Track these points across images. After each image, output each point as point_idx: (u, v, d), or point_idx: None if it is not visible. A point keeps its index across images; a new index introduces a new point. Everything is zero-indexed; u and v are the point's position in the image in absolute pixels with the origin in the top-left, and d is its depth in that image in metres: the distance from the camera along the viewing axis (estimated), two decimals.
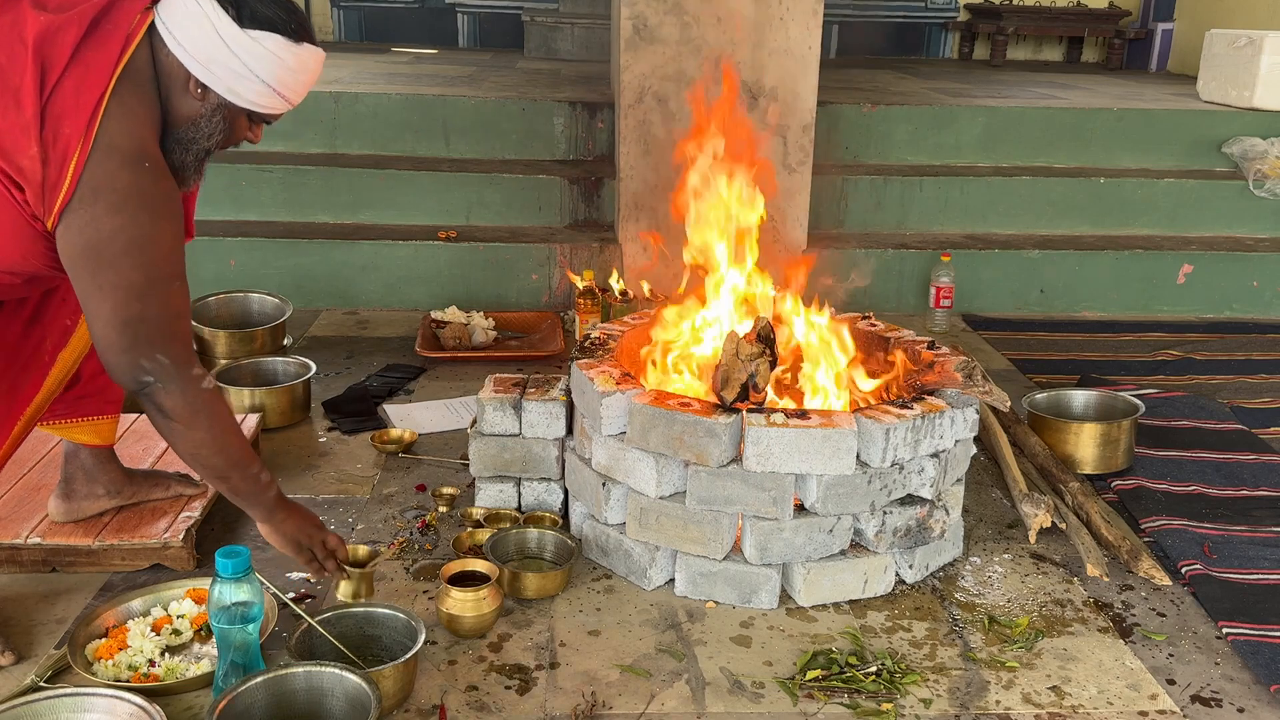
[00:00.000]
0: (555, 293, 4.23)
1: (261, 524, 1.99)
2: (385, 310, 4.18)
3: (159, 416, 1.82)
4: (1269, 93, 5.03)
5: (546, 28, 7.17)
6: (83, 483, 2.29)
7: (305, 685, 1.76)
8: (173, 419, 1.81)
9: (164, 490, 2.40)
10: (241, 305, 3.56)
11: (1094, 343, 4.05)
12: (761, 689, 1.96)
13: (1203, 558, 2.42)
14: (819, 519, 2.19)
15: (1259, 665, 2.05)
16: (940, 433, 2.26)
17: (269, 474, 1.96)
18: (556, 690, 1.93)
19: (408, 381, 3.45)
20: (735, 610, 2.20)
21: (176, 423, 1.82)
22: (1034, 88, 6.01)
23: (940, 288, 4.14)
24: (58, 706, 1.74)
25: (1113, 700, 1.96)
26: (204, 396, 1.83)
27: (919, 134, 4.91)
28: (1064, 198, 4.67)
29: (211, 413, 1.85)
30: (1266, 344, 4.08)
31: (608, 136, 4.73)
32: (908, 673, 2.00)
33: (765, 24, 3.80)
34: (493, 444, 2.50)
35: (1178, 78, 7.00)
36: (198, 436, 1.84)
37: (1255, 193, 4.68)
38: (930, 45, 8.40)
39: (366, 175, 4.42)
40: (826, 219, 4.52)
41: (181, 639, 2.03)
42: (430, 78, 5.57)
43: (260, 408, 2.97)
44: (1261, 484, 2.83)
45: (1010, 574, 2.39)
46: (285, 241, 4.17)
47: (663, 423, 2.16)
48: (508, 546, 2.32)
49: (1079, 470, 2.83)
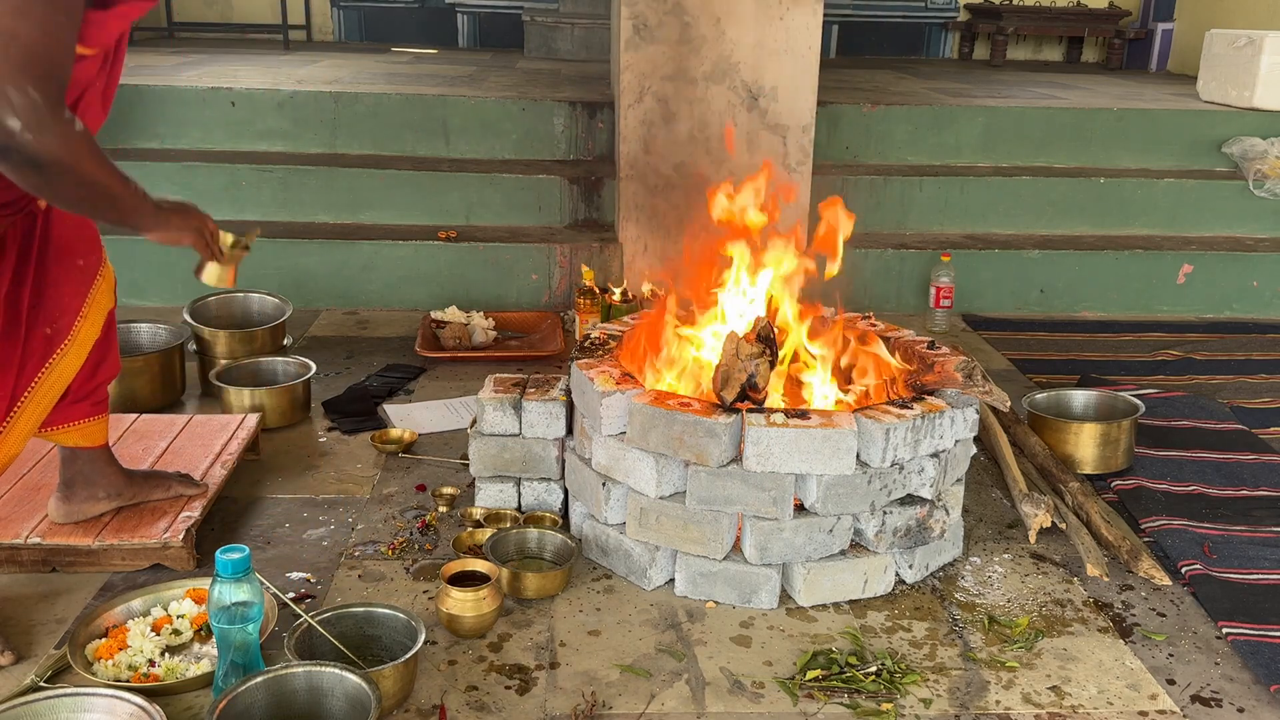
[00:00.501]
0: (555, 293, 4.23)
1: (151, 231, 1.89)
2: (385, 310, 4.18)
3: (32, 173, 1.61)
4: (1269, 93, 5.03)
5: (546, 28, 7.17)
6: (82, 485, 2.29)
7: (305, 685, 1.76)
8: (50, 166, 1.60)
9: (164, 490, 2.40)
10: (241, 305, 3.56)
11: (1094, 343, 4.05)
12: (761, 689, 1.96)
13: (1203, 558, 2.42)
14: (819, 519, 2.19)
15: (1259, 665, 2.05)
16: (940, 433, 2.26)
17: (134, 179, 1.82)
18: (556, 690, 1.94)
19: (408, 381, 3.45)
20: (735, 610, 2.20)
21: (55, 169, 1.61)
22: (1034, 88, 6.01)
23: (940, 288, 4.14)
24: (58, 706, 1.74)
25: (1113, 700, 1.96)
26: (79, 132, 1.64)
27: (919, 134, 4.91)
28: (1064, 198, 4.67)
29: (90, 146, 1.66)
30: (1266, 344, 4.08)
31: (608, 136, 4.73)
32: (908, 673, 2.00)
33: (765, 24, 3.80)
34: (493, 444, 2.50)
35: (1178, 78, 7.00)
36: (85, 174, 1.66)
37: (1255, 193, 4.68)
38: (930, 45, 8.40)
39: (366, 175, 4.42)
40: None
41: (181, 639, 2.03)
42: (430, 78, 5.57)
43: (260, 408, 2.98)
44: (1261, 484, 2.83)
45: (1010, 574, 2.39)
46: (285, 241, 4.17)
47: (663, 423, 2.16)
48: (508, 546, 2.32)
49: (1079, 470, 2.83)
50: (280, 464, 2.82)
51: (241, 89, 4.69)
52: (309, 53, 6.83)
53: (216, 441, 2.68)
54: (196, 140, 4.63)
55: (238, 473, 2.67)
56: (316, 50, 7.07)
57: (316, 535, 2.46)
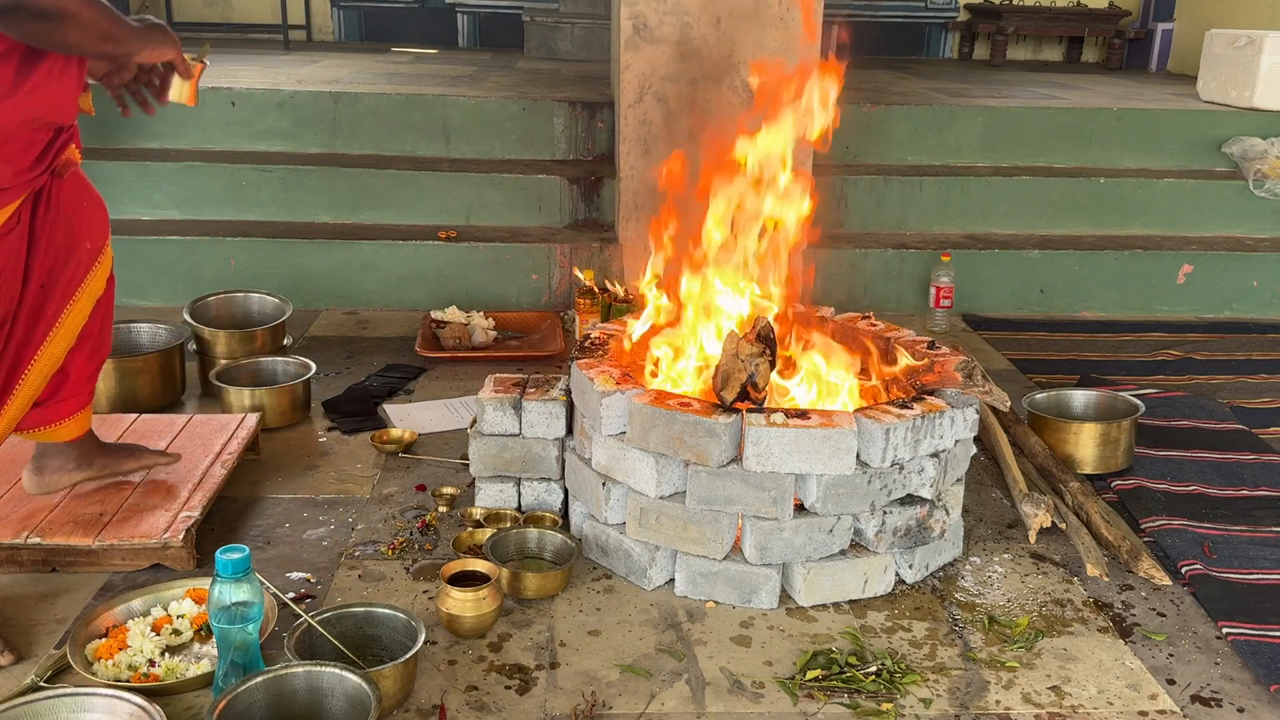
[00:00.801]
0: (555, 293, 4.23)
1: (140, 54, 1.97)
2: (385, 310, 4.18)
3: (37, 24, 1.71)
4: (1269, 93, 5.03)
5: (546, 28, 7.17)
6: (54, 456, 2.33)
7: (305, 685, 1.76)
8: (54, 17, 1.71)
9: (136, 461, 2.44)
10: (241, 305, 3.56)
11: (1094, 343, 4.05)
12: (761, 689, 1.96)
13: (1203, 558, 2.42)
14: (819, 519, 2.19)
15: (1259, 665, 2.05)
16: (940, 433, 2.26)
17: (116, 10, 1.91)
18: (556, 690, 1.93)
19: (408, 381, 3.45)
20: (735, 610, 2.20)
21: (58, 19, 1.72)
22: (1034, 88, 6.01)
23: (940, 288, 4.14)
24: (58, 706, 1.74)
25: (1113, 700, 1.96)
26: None
27: (919, 134, 4.91)
28: (1064, 198, 4.67)
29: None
30: (1266, 344, 4.08)
31: (608, 136, 4.73)
32: (908, 673, 2.00)
33: (765, 24, 3.80)
34: (493, 444, 2.50)
35: (1178, 78, 7.00)
36: (84, 18, 1.75)
37: (1255, 193, 4.68)
38: (930, 45, 8.40)
39: (366, 175, 4.42)
40: (827, 219, 4.52)
41: (181, 639, 2.03)
42: (430, 78, 5.57)
43: (260, 408, 2.98)
44: (1261, 484, 2.83)
45: (1010, 574, 2.39)
46: (285, 241, 4.17)
47: (663, 423, 2.16)
48: (508, 546, 2.32)
49: (1079, 470, 2.83)
50: (280, 464, 2.82)
51: (241, 89, 4.69)
52: (309, 53, 6.83)
53: (216, 441, 2.68)
54: (196, 140, 4.63)
55: (238, 473, 2.67)
56: (316, 50, 7.08)
57: (316, 535, 2.46)
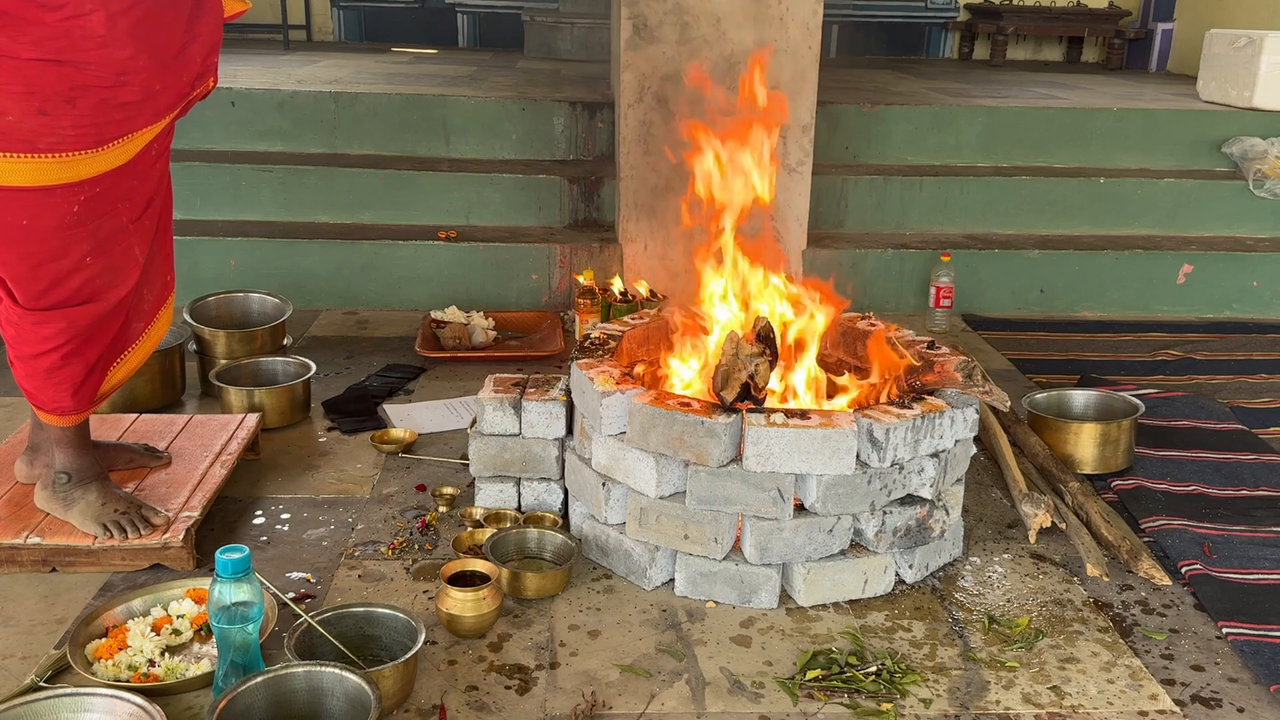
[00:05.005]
0: (555, 293, 4.23)
1: None
2: (385, 310, 4.18)
3: None
4: (1269, 93, 5.03)
5: (546, 28, 7.17)
6: (48, 449, 2.35)
7: (305, 685, 1.76)
8: None
9: (126, 460, 2.48)
10: (241, 305, 3.56)
11: (1094, 343, 4.05)
12: (761, 689, 1.96)
13: (1203, 558, 2.42)
14: (819, 519, 2.19)
15: (1259, 665, 2.05)
16: (940, 433, 2.26)
17: None
18: (556, 690, 1.94)
19: (408, 381, 3.45)
20: (735, 610, 2.20)
21: None
22: (1034, 88, 6.01)
23: (940, 288, 4.14)
24: (58, 706, 1.74)
25: (1113, 700, 1.96)
26: None
27: (919, 134, 4.91)
28: (1064, 198, 4.67)
29: None
30: (1266, 344, 4.08)
31: (608, 136, 4.73)
32: (908, 673, 2.00)
33: (765, 24, 3.80)
34: (493, 444, 2.50)
35: (1178, 78, 7.00)
36: None
37: (1255, 193, 4.68)
38: (930, 45, 8.41)
39: (366, 175, 4.43)
40: (826, 219, 4.53)
41: (181, 639, 2.03)
42: (430, 78, 5.57)
43: (260, 408, 2.98)
44: (1261, 484, 2.83)
45: (1010, 574, 2.39)
46: (285, 241, 4.17)
47: (663, 423, 2.16)
48: (508, 546, 2.32)
49: (1079, 470, 2.83)
50: (280, 464, 2.82)
51: (241, 89, 4.69)
52: (309, 53, 6.83)
53: (216, 441, 2.68)
54: (196, 140, 4.63)
55: (238, 473, 2.67)
56: (316, 50, 7.08)
57: (316, 535, 2.46)
